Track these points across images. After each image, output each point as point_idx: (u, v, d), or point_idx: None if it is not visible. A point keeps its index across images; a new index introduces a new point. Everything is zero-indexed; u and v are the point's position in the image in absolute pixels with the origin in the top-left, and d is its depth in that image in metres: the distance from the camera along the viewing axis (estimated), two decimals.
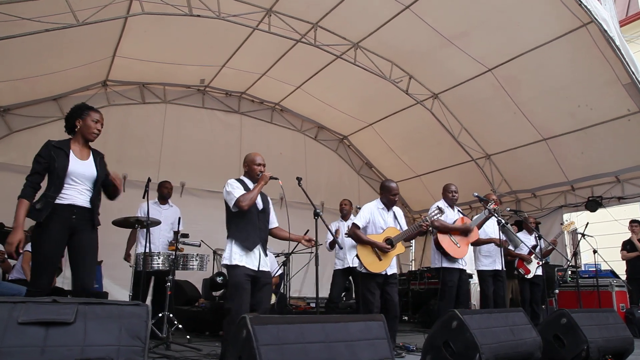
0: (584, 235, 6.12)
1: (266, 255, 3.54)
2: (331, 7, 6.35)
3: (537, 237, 5.69)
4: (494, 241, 5.40)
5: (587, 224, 6.25)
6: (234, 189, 3.46)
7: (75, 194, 3.00)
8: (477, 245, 5.55)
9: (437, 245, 4.93)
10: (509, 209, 6.29)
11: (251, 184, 3.59)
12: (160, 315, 4.57)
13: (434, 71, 7.49)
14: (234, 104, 9.10)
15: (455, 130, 8.13)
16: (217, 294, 6.31)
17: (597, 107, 6.58)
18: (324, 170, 9.89)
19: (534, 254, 5.83)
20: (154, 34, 6.66)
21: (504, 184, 8.62)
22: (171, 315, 4.62)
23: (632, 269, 6.84)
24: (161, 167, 7.72)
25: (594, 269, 6.83)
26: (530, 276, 6.10)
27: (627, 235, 7.01)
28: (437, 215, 4.67)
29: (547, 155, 7.59)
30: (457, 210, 5.27)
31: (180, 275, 5.60)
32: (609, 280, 6.77)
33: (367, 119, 9.30)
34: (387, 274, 4.37)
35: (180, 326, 4.76)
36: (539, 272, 6.14)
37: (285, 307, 6.33)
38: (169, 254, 4.80)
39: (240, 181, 3.58)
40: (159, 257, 4.74)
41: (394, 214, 4.61)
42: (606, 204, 7.51)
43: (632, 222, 6.99)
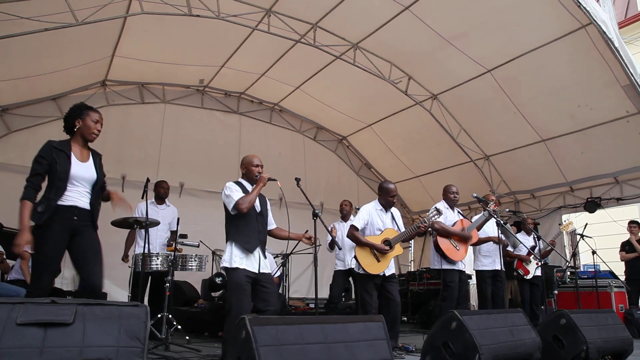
0: (582, 236, 6.14)
1: (265, 257, 3.54)
2: (331, 8, 6.35)
3: (536, 238, 5.70)
4: (492, 239, 5.41)
5: (586, 224, 6.27)
6: (233, 192, 3.45)
7: (76, 196, 2.99)
8: (477, 245, 5.56)
9: (437, 247, 4.94)
10: (508, 209, 6.30)
11: (249, 186, 3.58)
12: (159, 316, 4.56)
13: (433, 72, 7.49)
14: (233, 104, 9.09)
15: (454, 131, 8.13)
16: (216, 294, 6.29)
17: (596, 109, 6.59)
18: (323, 170, 9.88)
19: (533, 255, 5.84)
20: (153, 34, 6.65)
21: (502, 184, 8.62)
22: (170, 316, 4.61)
23: (631, 269, 6.85)
24: (160, 167, 7.71)
25: (593, 270, 6.84)
26: (529, 277, 6.11)
27: (626, 236, 7.02)
28: (436, 216, 4.67)
29: (546, 156, 7.60)
30: (457, 211, 5.27)
31: (179, 275, 5.59)
32: (607, 281, 6.78)
33: (367, 119, 9.30)
34: (386, 275, 4.37)
35: (179, 327, 4.74)
36: (538, 272, 6.17)
37: (284, 308, 6.32)
38: (167, 254, 4.79)
39: (238, 184, 3.57)
40: (158, 258, 4.73)
41: (392, 215, 4.61)
42: (605, 205, 7.51)
43: (631, 223, 7.00)
